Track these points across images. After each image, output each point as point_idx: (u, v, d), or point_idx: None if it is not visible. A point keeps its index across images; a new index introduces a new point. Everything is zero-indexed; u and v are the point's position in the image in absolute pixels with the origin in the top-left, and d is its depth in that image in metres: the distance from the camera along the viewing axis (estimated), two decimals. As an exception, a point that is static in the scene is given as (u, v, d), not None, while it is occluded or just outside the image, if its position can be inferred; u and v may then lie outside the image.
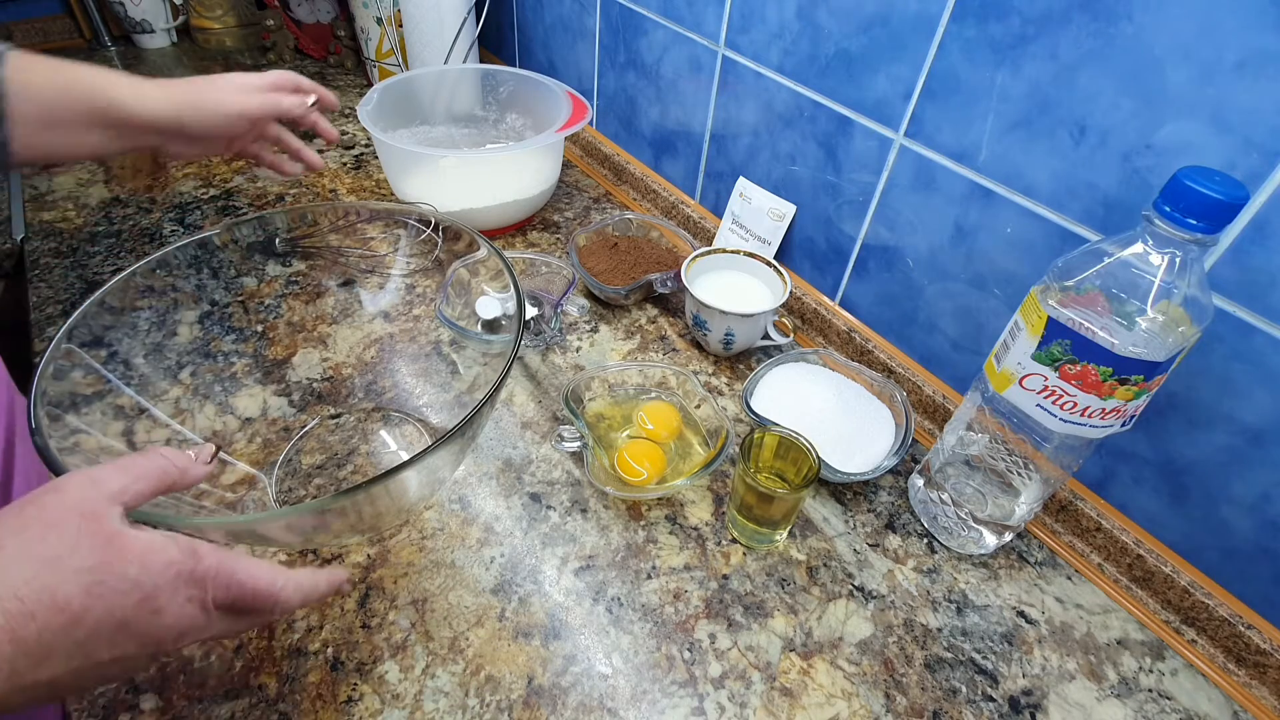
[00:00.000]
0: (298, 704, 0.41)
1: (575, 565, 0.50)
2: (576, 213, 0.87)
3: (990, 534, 0.51)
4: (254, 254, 0.75)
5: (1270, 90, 0.37)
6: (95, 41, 1.17)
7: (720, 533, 0.52)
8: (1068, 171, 0.47)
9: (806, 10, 0.59)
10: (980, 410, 0.48)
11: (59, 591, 0.25)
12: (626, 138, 0.91)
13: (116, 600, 0.26)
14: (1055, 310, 0.40)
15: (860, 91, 0.58)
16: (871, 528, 0.54)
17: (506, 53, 1.10)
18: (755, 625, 0.47)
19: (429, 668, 0.43)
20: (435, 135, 0.87)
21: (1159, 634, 0.49)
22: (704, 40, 0.71)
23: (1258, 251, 0.40)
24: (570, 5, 0.89)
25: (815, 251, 0.69)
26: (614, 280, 0.71)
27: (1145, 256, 0.37)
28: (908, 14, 0.52)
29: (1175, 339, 0.37)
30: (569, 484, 0.55)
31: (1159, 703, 0.45)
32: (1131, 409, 0.41)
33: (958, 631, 0.48)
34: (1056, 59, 0.45)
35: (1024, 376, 0.43)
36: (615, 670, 0.44)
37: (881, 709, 0.44)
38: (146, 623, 0.27)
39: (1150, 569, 0.50)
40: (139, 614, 0.27)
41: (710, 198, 0.81)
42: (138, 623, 0.27)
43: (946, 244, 0.56)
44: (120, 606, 0.26)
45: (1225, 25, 0.37)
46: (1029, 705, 0.45)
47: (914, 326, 0.62)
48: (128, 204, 0.81)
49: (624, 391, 0.60)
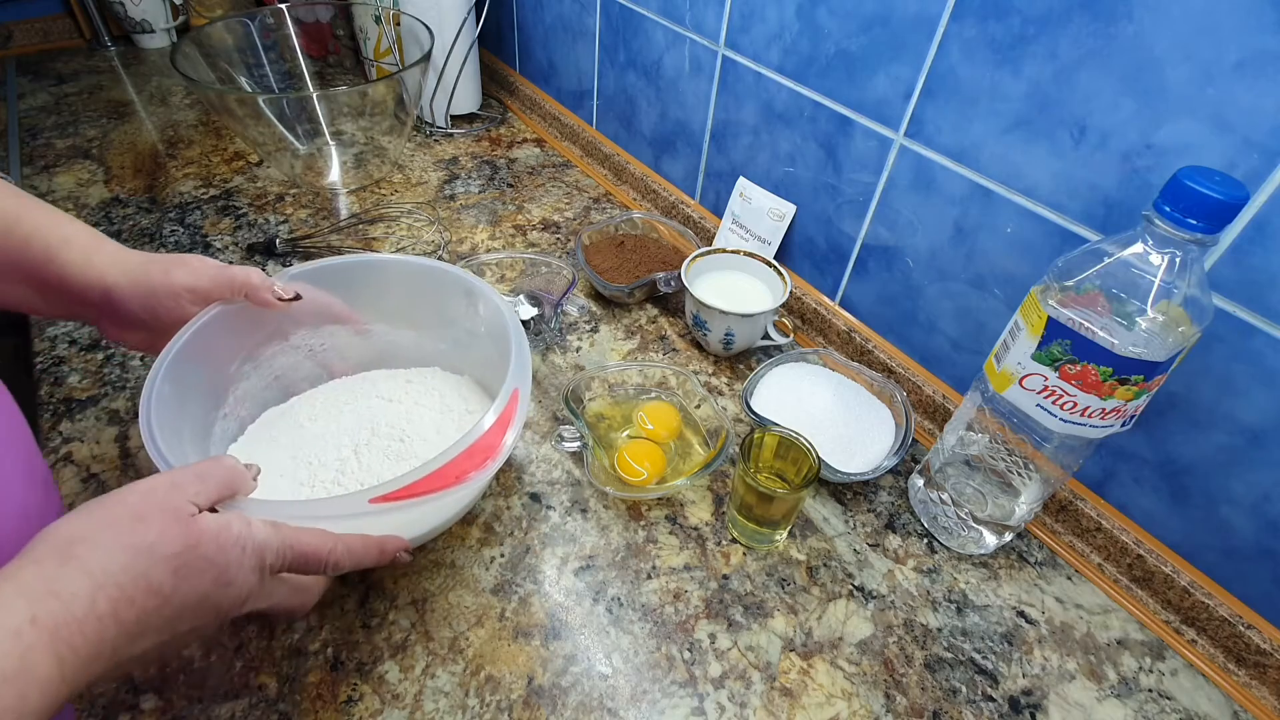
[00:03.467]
0: (298, 704, 0.41)
1: (575, 565, 0.50)
2: (576, 213, 0.87)
3: (990, 534, 0.51)
4: (254, 254, 0.75)
5: (1270, 90, 0.37)
6: (95, 42, 1.17)
7: (720, 533, 0.52)
8: (1068, 171, 0.47)
9: (806, 10, 0.59)
10: (980, 410, 0.48)
11: (152, 576, 0.28)
12: (626, 138, 0.91)
13: (198, 579, 0.30)
14: (1055, 310, 0.40)
15: (860, 91, 0.58)
16: (871, 528, 0.54)
17: (506, 53, 1.10)
18: (755, 625, 0.47)
19: (429, 668, 0.43)
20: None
21: (1159, 634, 0.49)
22: (704, 40, 0.71)
23: (1258, 251, 0.40)
24: (570, 5, 0.89)
25: (815, 251, 0.69)
26: (618, 278, 0.71)
27: (1145, 256, 0.37)
28: (908, 14, 0.52)
29: (1175, 339, 0.37)
30: (569, 484, 0.55)
31: (1159, 703, 0.45)
32: (1131, 409, 0.41)
33: (958, 631, 0.48)
34: (1056, 59, 0.45)
35: (1024, 376, 0.43)
36: (615, 670, 0.44)
37: (881, 709, 0.44)
38: (221, 594, 0.31)
39: (1150, 569, 0.50)
40: (215, 588, 0.30)
41: (710, 198, 0.81)
42: (214, 595, 0.30)
43: (946, 244, 0.56)
44: (201, 584, 0.30)
45: (1225, 25, 0.37)
46: (1029, 705, 0.45)
47: (914, 326, 0.62)
48: (128, 204, 0.81)
49: (624, 391, 0.60)
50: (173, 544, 0.29)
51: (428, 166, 0.94)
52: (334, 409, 0.53)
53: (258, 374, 0.51)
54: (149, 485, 0.31)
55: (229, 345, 0.48)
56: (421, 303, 0.54)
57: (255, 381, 0.51)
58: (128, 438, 0.55)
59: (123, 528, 0.29)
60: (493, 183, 0.91)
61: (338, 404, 0.53)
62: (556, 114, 1.01)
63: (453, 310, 0.53)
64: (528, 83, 1.07)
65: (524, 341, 0.46)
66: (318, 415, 0.52)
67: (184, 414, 0.43)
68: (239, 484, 0.35)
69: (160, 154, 0.91)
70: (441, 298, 0.53)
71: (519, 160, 0.97)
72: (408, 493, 0.36)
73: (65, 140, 0.91)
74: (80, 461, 0.53)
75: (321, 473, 0.47)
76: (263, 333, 0.50)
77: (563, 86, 0.99)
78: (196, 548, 0.30)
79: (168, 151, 0.91)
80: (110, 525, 0.29)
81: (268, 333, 0.50)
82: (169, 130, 0.96)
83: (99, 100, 1.01)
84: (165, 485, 0.31)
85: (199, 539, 0.30)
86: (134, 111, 0.99)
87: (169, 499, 0.30)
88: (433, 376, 0.57)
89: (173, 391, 0.41)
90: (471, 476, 0.39)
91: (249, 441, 0.50)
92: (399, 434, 0.50)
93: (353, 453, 0.49)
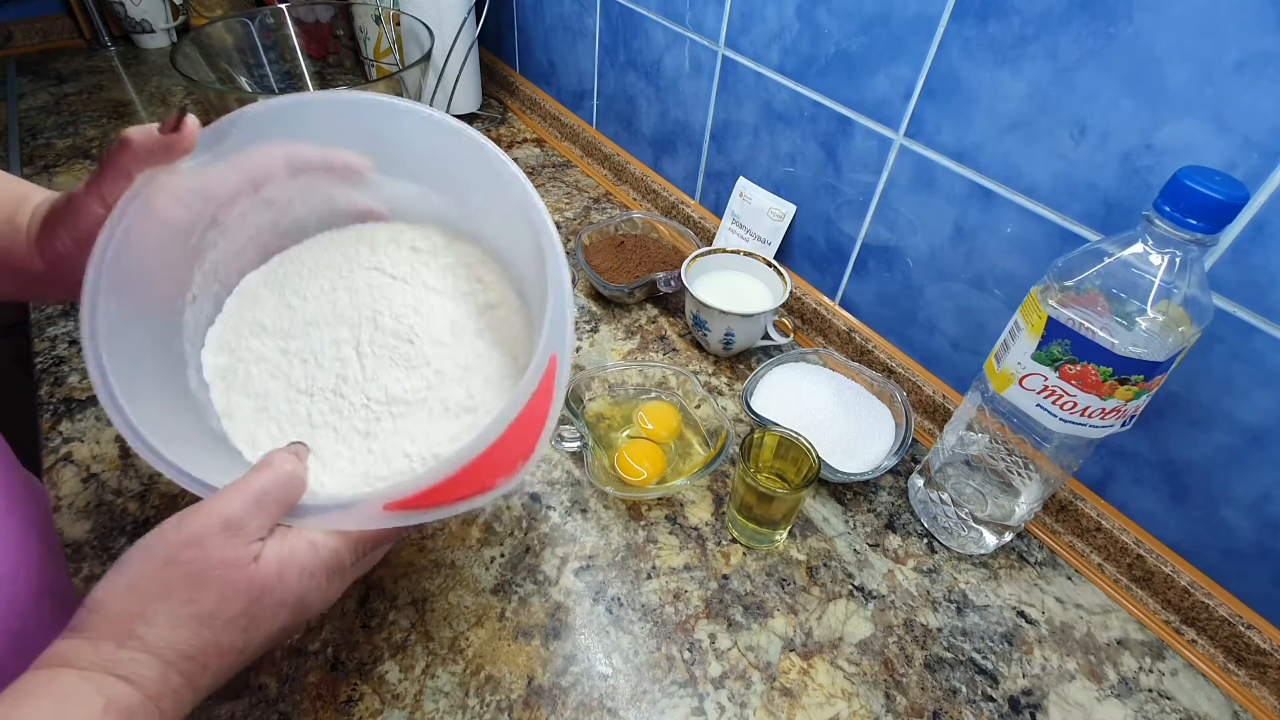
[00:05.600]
0: (298, 704, 0.41)
1: (575, 565, 0.50)
2: (576, 213, 0.87)
3: (990, 534, 0.51)
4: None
5: (1270, 90, 0.37)
6: (95, 42, 1.17)
7: (720, 533, 0.52)
8: (1068, 171, 0.47)
9: (806, 10, 0.59)
10: (980, 410, 0.48)
11: (221, 641, 0.27)
12: (627, 138, 0.91)
13: (270, 624, 0.29)
14: (1055, 310, 0.40)
15: (860, 91, 0.58)
16: (871, 528, 0.54)
17: (506, 53, 1.10)
18: (755, 625, 0.47)
19: (429, 668, 0.43)
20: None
21: (1159, 634, 0.49)
22: (704, 40, 0.71)
23: (1258, 251, 0.40)
24: (570, 5, 0.89)
25: (815, 251, 0.69)
26: (618, 278, 0.71)
27: (1145, 256, 0.37)
28: (908, 14, 0.52)
29: (1175, 339, 0.37)
30: (569, 484, 0.55)
31: (1159, 703, 0.45)
32: (1131, 409, 0.41)
33: (958, 631, 0.48)
34: (1056, 59, 0.45)
35: (1024, 376, 0.43)
36: (615, 670, 0.44)
37: (881, 709, 0.44)
38: (298, 617, 0.30)
39: (1150, 569, 0.50)
40: (292, 618, 0.30)
41: (710, 198, 0.81)
42: (291, 622, 0.30)
43: (946, 244, 0.56)
44: (275, 625, 0.29)
45: (1225, 25, 0.37)
46: (1029, 705, 0.45)
47: (914, 326, 0.62)
48: (128, 204, 0.81)
49: (624, 391, 0.60)
50: (236, 604, 0.27)
51: (428, 166, 0.94)
52: (327, 284, 0.42)
53: (226, 240, 0.41)
54: (199, 534, 0.27)
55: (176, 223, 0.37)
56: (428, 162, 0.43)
57: (225, 249, 0.41)
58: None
59: (179, 598, 0.26)
60: (493, 183, 0.91)
61: (331, 277, 0.43)
62: (556, 114, 1.01)
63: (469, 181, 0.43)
64: (528, 83, 1.07)
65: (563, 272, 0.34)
66: (307, 292, 0.42)
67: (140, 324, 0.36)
68: (297, 490, 0.31)
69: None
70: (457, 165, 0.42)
71: (519, 160, 0.97)
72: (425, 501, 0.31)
73: (65, 140, 0.91)
74: (80, 461, 0.53)
75: (320, 375, 0.39)
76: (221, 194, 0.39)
77: (563, 86, 0.99)
78: (261, 600, 0.28)
79: (168, 151, 0.91)
80: (164, 595, 0.26)
81: (229, 190, 0.39)
82: (169, 130, 0.96)
83: (99, 100, 1.01)
84: (218, 531, 0.27)
85: (262, 590, 0.28)
86: (134, 112, 0.99)
87: (225, 551, 0.27)
88: (443, 247, 0.45)
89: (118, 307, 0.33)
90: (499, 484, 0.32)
91: (229, 324, 0.41)
92: (407, 331, 0.41)
93: (354, 351, 0.40)
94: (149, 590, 0.26)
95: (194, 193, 0.37)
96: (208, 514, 0.28)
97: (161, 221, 0.36)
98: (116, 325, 0.33)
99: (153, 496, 0.51)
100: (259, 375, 0.39)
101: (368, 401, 0.39)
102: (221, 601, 0.27)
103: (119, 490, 0.51)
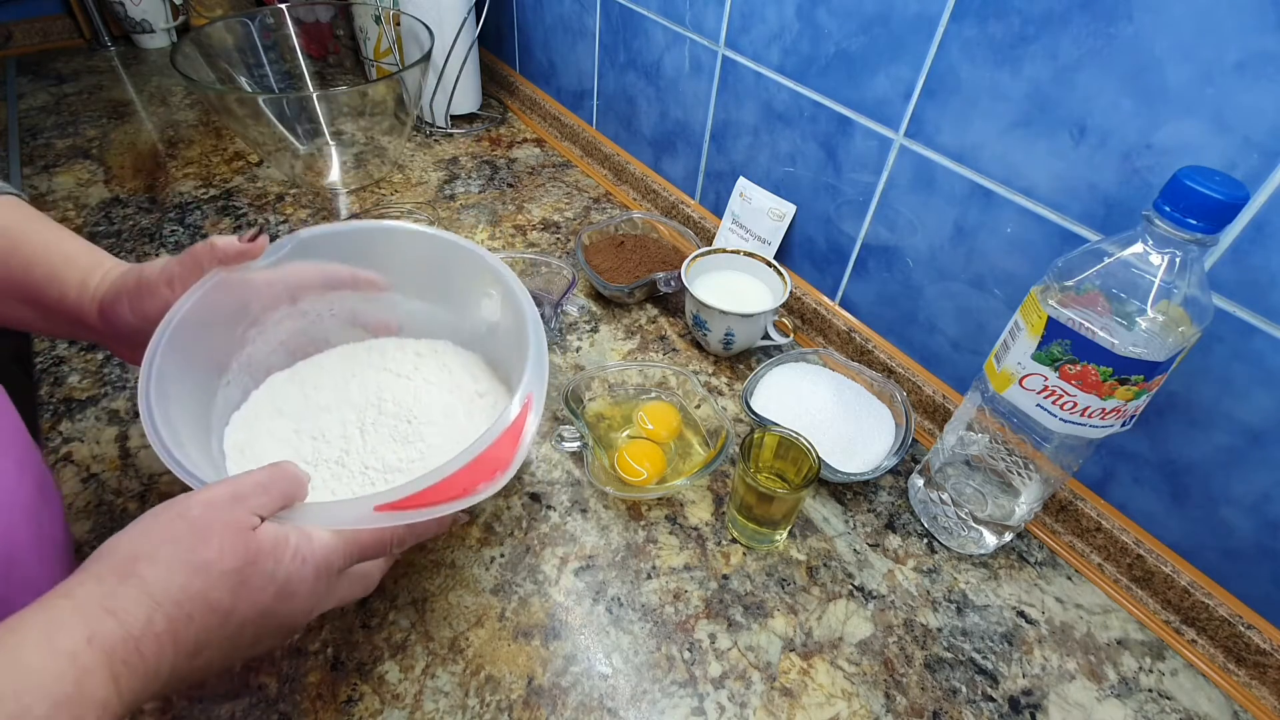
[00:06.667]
0: (298, 704, 0.41)
1: (575, 565, 0.50)
2: (576, 213, 0.87)
3: (990, 534, 0.51)
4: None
5: (1270, 90, 0.37)
6: (95, 42, 1.17)
7: (720, 533, 0.52)
8: (1068, 171, 0.47)
9: (806, 10, 0.59)
10: (980, 410, 0.48)
11: (211, 594, 0.28)
12: (627, 138, 0.91)
13: (258, 594, 0.30)
14: (1055, 310, 0.40)
15: (860, 91, 0.58)
16: (871, 528, 0.54)
17: (506, 53, 1.10)
18: (755, 625, 0.47)
19: (429, 668, 0.43)
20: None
21: (1159, 634, 0.49)
22: (704, 40, 0.71)
23: (1258, 251, 0.40)
24: (570, 5, 0.89)
25: (815, 251, 0.69)
26: (618, 278, 0.71)
27: (1145, 256, 0.37)
28: (908, 14, 0.52)
29: (1175, 339, 0.37)
30: (569, 484, 0.55)
31: (1159, 703, 0.45)
32: (1131, 409, 0.41)
33: (958, 631, 0.48)
34: (1056, 59, 0.45)
35: (1024, 376, 0.43)
36: (615, 670, 0.44)
37: (881, 709, 0.44)
38: (284, 607, 0.31)
39: (1150, 569, 0.50)
40: (277, 602, 0.30)
41: (710, 198, 0.81)
42: (276, 609, 0.31)
43: (946, 244, 0.56)
44: (261, 599, 0.30)
45: (1225, 25, 0.37)
46: (1029, 705, 0.45)
47: (914, 326, 0.62)
48: (128, 204, 0.81)
49: (624, 391, 0.60)
50: (232, 560, 0.29)
51: (428, 166, 0.94)
52: (340, 379, 0.51)
53: (263, 339, 0.49)
54: (210, 497, 0.31)
55: (228, 314, 0.46)
56: (438, 276, 0.52)
57: (260, 347, 0.49)
58: (128, 438, 0.55)
59: (184, 544, 0.28)
60: (493, 183, 0.92)
61: (344, 374, 0.51)
62: (556, 114, 1.01)
63: (469, 289, 0.51)
64: (528, 83, 1.07)
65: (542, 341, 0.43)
66: (323, 385, 0.51)
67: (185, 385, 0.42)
68: (299, 492, 0.34)
69: (160, 154, 0.91)
70: (459, 275, 0.51)
71: (519, 160, 0.97)
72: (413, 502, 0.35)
73: (65, 140, 0.91)
74: (80, 461, 0.53)
75: (325, 449, 0.46)
76: (266, 298, 0.47)
77: (563, 86, 0.99)
78: (255, 563, 0.29)
79: (168, 151, 0.91)
80: (172, 540, 0.29)
81: (273, 296, 0.47)
82: (169, 130, 0.96)
83: (99, 100, 1.01)
84: (227, 497, 0.31)
85: (257, 554, 0.30)
86: (134, 111, 0.99)
87: (232, 512, 0.30)
88: (443, 351, 0.54)
89: (172, 366, 0.40)
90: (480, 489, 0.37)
91: (252, 409, 0.48)
92: (406, 413, 0.48)
93: (358, 430, 0.47)
94: (156, 535, 0.29)
95: (250, 289, 0.45)
96: (218, 488, 0.31)
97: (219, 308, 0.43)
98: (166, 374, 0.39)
99: (153, 497, 0.51)
100: (271, 447, 0.46)
101: (365, 469, 0.45)
102: (220, 553, 0.29)
103: (119, 490, 0.51)
